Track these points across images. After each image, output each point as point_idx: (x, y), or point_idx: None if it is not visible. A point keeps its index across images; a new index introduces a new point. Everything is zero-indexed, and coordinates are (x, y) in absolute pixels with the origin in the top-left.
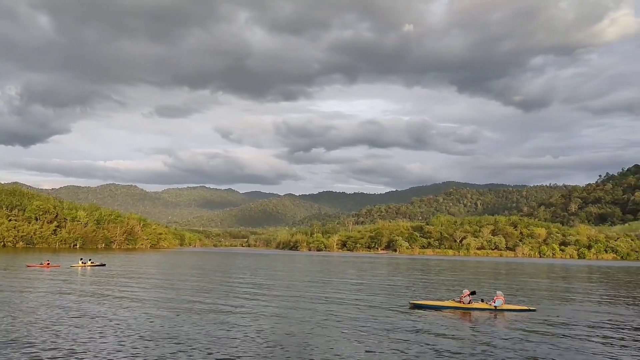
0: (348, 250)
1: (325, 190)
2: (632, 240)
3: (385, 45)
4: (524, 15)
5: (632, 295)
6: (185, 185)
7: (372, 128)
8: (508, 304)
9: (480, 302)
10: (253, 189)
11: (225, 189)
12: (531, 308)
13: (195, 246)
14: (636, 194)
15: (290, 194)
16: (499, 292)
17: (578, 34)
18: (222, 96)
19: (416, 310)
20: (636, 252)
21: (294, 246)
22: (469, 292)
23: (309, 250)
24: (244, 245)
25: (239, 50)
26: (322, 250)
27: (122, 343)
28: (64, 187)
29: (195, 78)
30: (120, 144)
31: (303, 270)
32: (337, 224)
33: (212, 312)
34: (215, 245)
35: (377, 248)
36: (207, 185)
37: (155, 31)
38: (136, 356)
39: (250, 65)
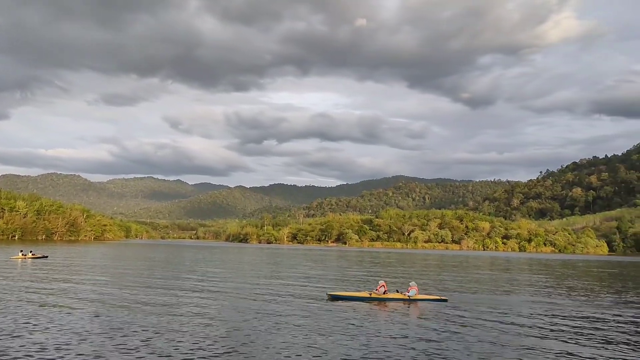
0: (298, 242)
1: (276, 183)
2: (569, 234)
3: (338, 39)
4: (472, 15)
5: (544, 284)
6: (132, 176)
7: (324, 121)
8: (424, 293)
9: (395, 292)
10: (202, 181)
11: (174, 180)
12: (442, 298)
13: (141, 238)
14: (574, 190)
15: (240, 186)
16: (412, 283)
17: (523, 34)
18: (172, 85)
19: (333, 302)
20: (573, 245)
21: (244, 239)
22: (384, 283)
23: (259, 242)
24: (192, 237)
25: (189, 38)
26: (272, 242)
27: (63, 340)
28: (2, 175)
29: (143, 65)
30: (62, 131)
31: (239, 263)
32: (288, 216)
33: (144, 305)
34: (162, 238)
35: (327, 241)
36: (154, 176)
37: (101, 15)
38: (71, 353)
39: (201, 55)
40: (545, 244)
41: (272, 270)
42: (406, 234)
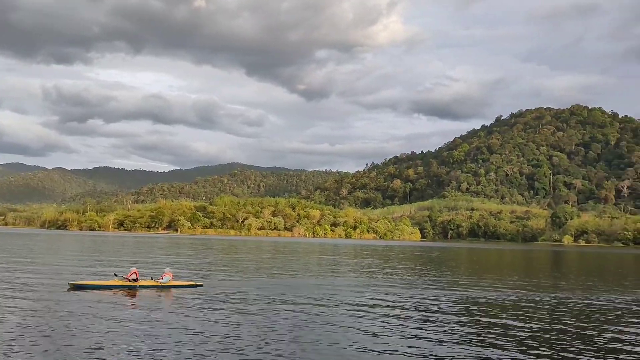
0: (125, 230)
1: (102, 166)
2: (388, 222)
3: (175, 18)
4: (310, 9)
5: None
6: None
7: (157, 103)
8: (177, 279)
9: (150, 279)
10: (14, 160)
11: None
12: (198, 283)
13: None
14: (394, 182)
15: (60, 168)
16: (167, 269)
17: (356, 33)
18: None
19: (75, 292)
20: (392, 232)
21: (62, 225)
22: (136, 270)
23: (81, 229)
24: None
25: (2, 1)
26: (95, 230)
27: None
28: None
29: None
30: None
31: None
32: (115, 202)
33: None
34: None
35: (158, 228)
36: None
37: None
38: None
39: (16, 20)
40: (368, 231)
41: (26, 258)
42: (240, 221)
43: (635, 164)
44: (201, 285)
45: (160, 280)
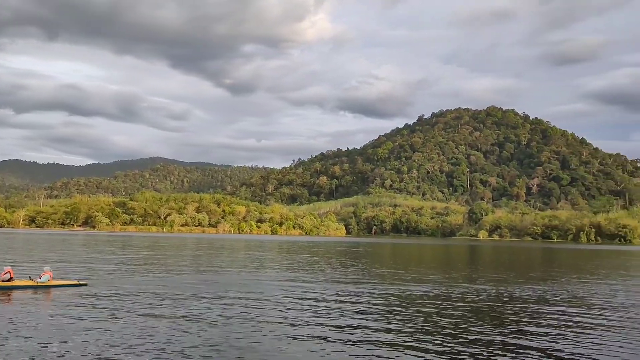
0: (37, 226)
1: (11, 159)
2: (314, 218)
3: (95, 4)
4: (237, 2)
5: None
6: None
7: (74, 93)
8: (59, 278)
9: (28, 279)
10: None
11: None
12: (82, 282)
13: None
14: (320, 178)
15: None
16: (46, 268)
17: (283, 29)
18: None
19: None
20: (317, 228)
21: None
22: (10, 269)
23: None
24: None
25: None
26: (4, 226)
27: None
28: None
29: None
30: None
31: None
32: (25, 197)
33: None
34: None
35: (73, 225)
36: None
37: None
38: None
39: None
40: (294, 227)
41: None
42: (162, 217)
43: (543, 163)
44: (85, 285)
45: (38, 280)
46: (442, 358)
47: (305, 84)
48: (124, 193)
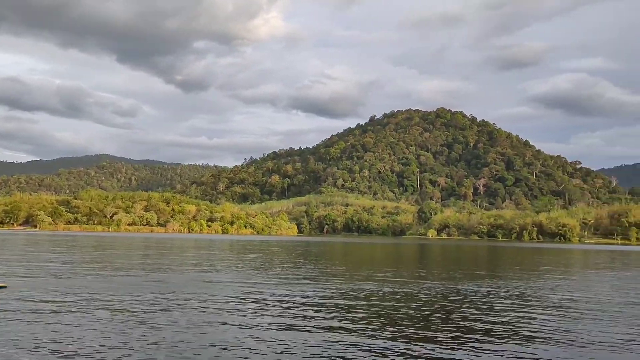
0: None
1: None
2: (266, 217)
3: None
4: None
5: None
6: None
7: (15, 87)
8: None
9: None
10: None
11: None
12: (1, 285)
13: None
14: (272, 177)
15: None
16: None
17: (236, 26)
18: None
19: None
20: (269, 227)
21: None
22: None
23: None
24: None
25: None
26: None
27: None
28: None
29: None
30: None
31: None
32: None
33: None
34: None
35: (13, 224)
36: None
37: None
38: None
39: None
40: (246, 227)
41: None
42: (109, 216)
43: (490, 164)
44: (5, 287)
45: None
46: (395, 355)
47: (257, 82)
48: (67, 191)
